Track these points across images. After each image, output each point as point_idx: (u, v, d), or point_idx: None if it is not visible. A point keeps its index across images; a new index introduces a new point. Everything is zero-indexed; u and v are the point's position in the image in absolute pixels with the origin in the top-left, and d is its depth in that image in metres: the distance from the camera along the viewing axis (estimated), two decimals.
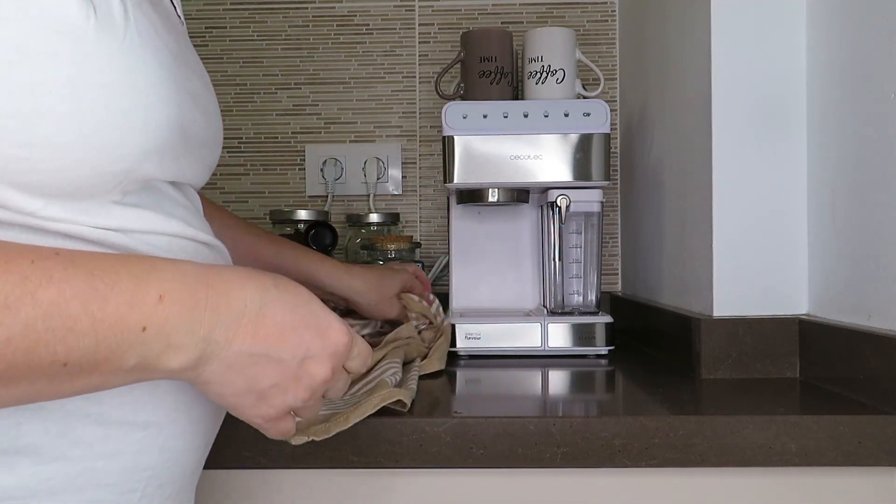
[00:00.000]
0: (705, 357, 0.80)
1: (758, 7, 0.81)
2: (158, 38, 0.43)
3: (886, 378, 0.65)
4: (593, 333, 0.95)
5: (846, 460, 0.62)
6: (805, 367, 0.79)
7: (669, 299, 0.98)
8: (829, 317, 0.77)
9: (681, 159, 0.93)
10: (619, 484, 0.66)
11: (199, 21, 1.31)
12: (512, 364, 0.92)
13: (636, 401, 0.75)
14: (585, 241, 1.01)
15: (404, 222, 1.31)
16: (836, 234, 0.76)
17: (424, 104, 1.31)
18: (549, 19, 1.30)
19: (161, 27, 0.45)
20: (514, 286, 1.08)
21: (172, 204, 0.47)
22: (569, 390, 0.81)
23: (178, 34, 0.50)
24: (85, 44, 0.38)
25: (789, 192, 0.81)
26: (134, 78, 0.40)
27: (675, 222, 0.96)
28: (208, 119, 0.51)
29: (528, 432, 0.63)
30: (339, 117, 1.32)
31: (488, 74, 1.00)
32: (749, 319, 0.80)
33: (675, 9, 0.95)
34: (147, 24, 0.43)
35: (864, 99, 0.71)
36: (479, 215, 1.09)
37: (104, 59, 0.39)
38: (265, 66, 1.31)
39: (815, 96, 0.80)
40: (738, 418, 0.63)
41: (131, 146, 0.41)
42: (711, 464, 0.63)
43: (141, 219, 0.43)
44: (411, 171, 1.32)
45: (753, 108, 0.81)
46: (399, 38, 1.31)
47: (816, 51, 0.79)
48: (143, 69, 0.41)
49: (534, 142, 0.95)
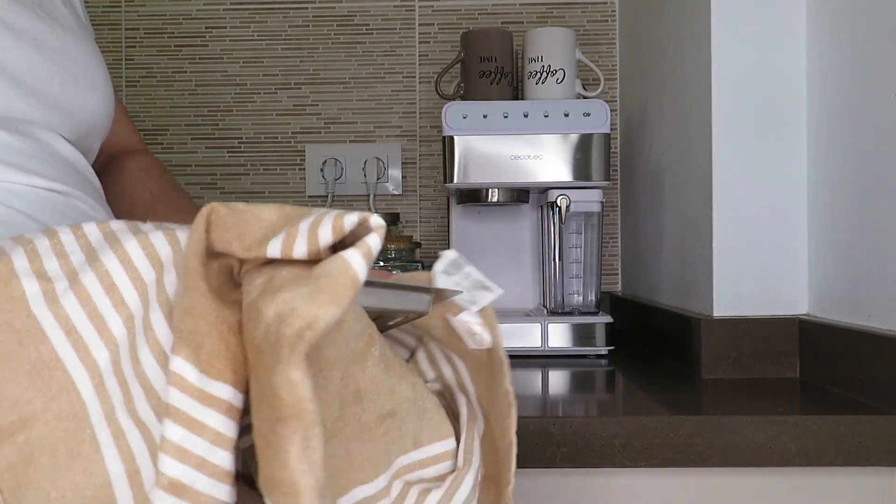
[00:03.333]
0: (705, 357, 0.80)
1: (758, 7, 0.81)
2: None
3: (886, 378, 0.65)
4: (593, 333, 0.95)
5: (846, 460, 0.62)
6: (805, 367, 0.79)
7: (669, 299, 0.98)
8: (829, 317, 0.77)
9: (681, 159, 0.93)
10: (619, 484, 0.66)
11: (199, 21, 1.31)
12: (512, 364, 0.91)
13: (636, 401, 0.75)
14: (585, 241, 1.01)
15: (404, 222, 1.31)
16: (836, 234, 0.76)
17: (424, 104, 1.31)
18: (549, 19, 1.30)
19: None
20: (514, 286, 1.08)
21: (6, 150, 0.48)
22: (569, 390, 0.81)
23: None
24: None
25: (789, 192, 0.81)
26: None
27: (675, 222, 0.96)
28: (47, 56, 0.52)
29: (528, 432, 0.63)
30: (339, 117, 1.32)
31: (488, 74, 1.00)
32: (749, 319, 0.80)
33: (675, 9, 0.95)
34: None
35: (864, 99, 0.71)
36: (479, 215, 1.09)
37: None
38: (265, 66, 1.31)
39: (815, 96, 0.80)
40: (738, 418, 0.63)
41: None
42: (711, 464, 0.63)
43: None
44: (411, 171, 1.32)
45: (753, 107, 0.81)
46: (399, 38, 1.31)
47: (816, 51, 0.79)
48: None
49: (534, 142, 0.95)
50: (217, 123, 1.32)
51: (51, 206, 0.48)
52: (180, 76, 1.32)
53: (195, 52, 1.31)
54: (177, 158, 1.32)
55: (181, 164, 1.32)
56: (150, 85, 1.32)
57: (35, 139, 0.51)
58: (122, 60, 1.32)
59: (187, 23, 1.31)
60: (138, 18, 1.32)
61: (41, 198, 0.48)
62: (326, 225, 0.31)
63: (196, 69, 1.32)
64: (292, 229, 0.31)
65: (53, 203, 0.49)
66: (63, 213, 0.49)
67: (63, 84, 0.54)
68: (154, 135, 1.32)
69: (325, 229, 0.31)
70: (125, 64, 1.32)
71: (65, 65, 0.54)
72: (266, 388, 0.29)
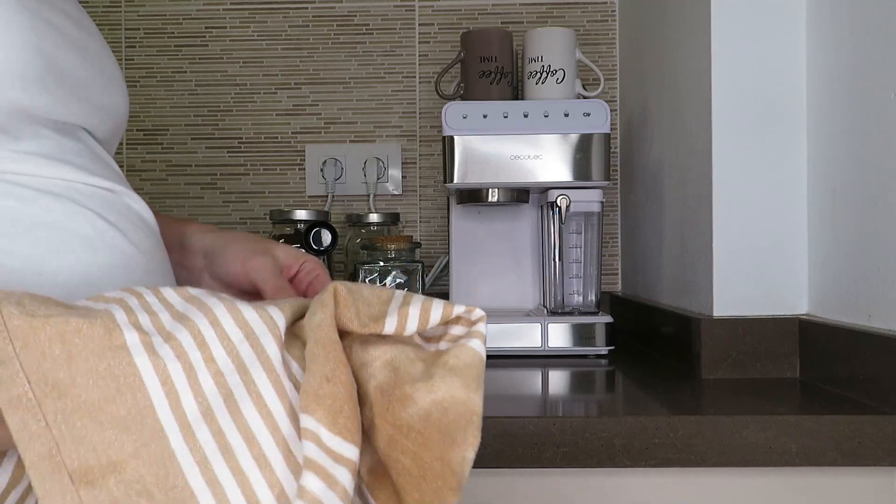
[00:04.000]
0: (705, 357, 0.80)
1: (758, 7, 0.81)
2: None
3: (886, 378, 0.65)
4: (593, 333, 0.95)
5: (846, 460, 0.62)
6: (805, 367, 0.79)
7: (669, 299, 0.98)
8: (829, 317, 0.77)
9: (681, 159, 0.93)
10: (619, 484, 0.66)
11: (199, 21, 1.31)
12: (512, 364, 0.92)
13: (636, 401, 0.75)
14: (585, 241, 1.01)
15: (404, 222, 1.31)
16: (836, 234, 0.76)
17: (424, 104, 1.31)
18: (549, 19, 1.30)
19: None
20: (514, 286, 1.08)
21: (65, 151, 0.49)
22: (569, 390, 0.81)
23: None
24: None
25: (789, 191, 0.81)
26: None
27: (675, 222, 0.96)
28: (87, 58, 0.52)
29: (528, 432, 0.63)
30: (339, 117, 1.32)
31: (488, 74, 1.00)
32: (749, 319, 0.80)
33: (675, 9, 0.95)
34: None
35: (864, 99, 0.71)
36: (479, 215, 1.09)
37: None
38: (265, 66, 1.31)
39: (815, 96, 0.80)
40: (738, 418, 0.63)
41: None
42: (711, 464, 0.63)
43: (27, 162, 0.45)
44: (411, 171, 1.32)
45: (753, 107, 0.81)
46: (399, 38, 1.31)
47: (816, 51, 0.79)
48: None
49: (534, 142, 0.95)
50: (217, 123, 1.32)
51: (110, 204, 0.50)
52: (180, 76, 1.32)
53: (195, 52, 1.31)
54: (177, 158, 1.32)
55: (181, 164, 1.32)
56: (150, 85, 1.32)
57: (82, 141, 0.52)
58: (122, 60, 1.32)
59: (187, 23, 1.31)
60: (138, 18, 1.32)
61: (102, 197, 0.49)
62: (437, 311, 0.37)
63: (196, 69, 1.32)
64: (404, 309, 0.37)
65: (111, 202, 0.50)
66: (120, 212, 0.50)
67: (103, 88, 0.55)
68: (154, 135, 1.32)
69: (435, 314, 0.37)
70: (125, 64, 1.32)
71: (101, 68, 0.55)
72: (435, 464, 0.35)
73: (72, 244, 0.45)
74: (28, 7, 0.46)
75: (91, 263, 0.46)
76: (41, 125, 0.47)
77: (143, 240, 0.51)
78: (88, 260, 0.46)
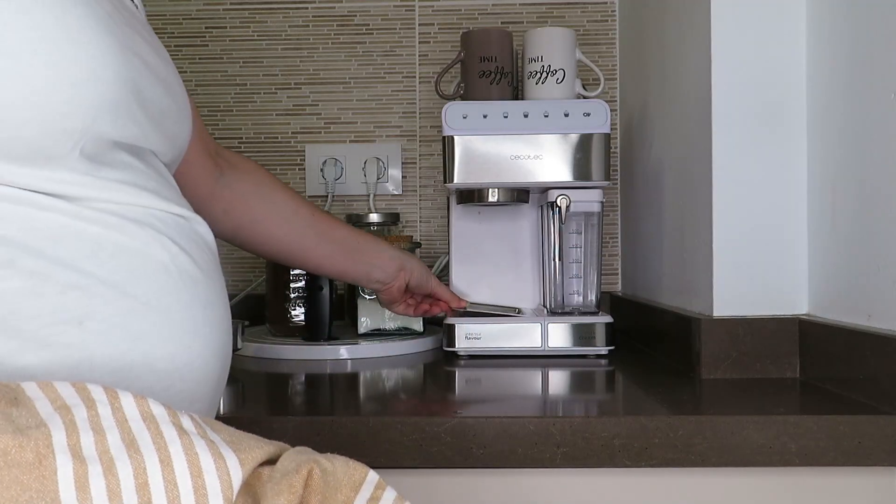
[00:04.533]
0: (705, 357, 0.80)
1: (758, 7, 0.81)
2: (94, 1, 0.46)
3: (886, 378, 0.65)
4: (593, 333, 0.95)
5: (846, 460, 0.62)
6: (805, 367, 0.79)
7: (669, 299, 0.98)
8: (829, 317, 0.77)
9: (681, 159, 0.93)
10: (619, 484, 0.66)
11: (199, 21, 1.31)
12: (512, 364, 0.92)
13: (636, 401, 0.75)
14: (585, 241, 1.01)
15: (404, 222, 1.31)
16: (836, 234, 0.76)
17: (424, 104, 1.31)
18: (549, 19, 1.30)
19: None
20: (514, 286, 1.08)
21: (144, 178, 0.50)
22: (569, 390, 0.81)
23: (123, 9, 0.52)
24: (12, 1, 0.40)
25: (789, 191, 0.81)
26: (71, 33, 0.42)
27: (675, 222, 0.96)
28: (166, 88, 0.53)
29: (528, 432, 0.63)
30: (339, 117, 1.32)
31: (488, 74, 1.00)
32: (749, 319, 0.80)
33: (675, 9, 0.95)
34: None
35: (864, 99, 0.71)
36: (479, 215, 1.09)
37: (37, 15, 0.41)
38: (265, 66, 1.31)
39: (815, 96, 0.80)
40: (738, 418, 0.63)
41: (79, 101, 0.43)
42: (711, 464, 0.63)
43: (111, 189, 0.46)
44: (411, 171, 1.32)
45: (753, 107, 0.81)
46: (399, 38, 1.31)
47: (816, 51, 0.79)
48: (77, 25, 0.43)
49: (534, 142, 0.95)
50: (217, 123, 1.32)
51: (182, 231, 0.51)
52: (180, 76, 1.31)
53: (195, 52, 1.31)
54: None
55: None
56: None
57: (152, 165, 0.53)
58: None
59: (187, 23, 1.31)
60: None
61: (176, 223, 0.51)
62: None
63: (196, 69, 1.32)
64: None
65: (183, 228, 0.52)
66: (190, 237, 0.52)
67: (177, 116, 0.56)
68: None
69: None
70: None
71: (176, 97, 0.56)
72: None
73: (150, 268, 0.47)
74: (116, 35, 0.46)
75: (165, 285, 0.47)
76: (122, 151, 0.49)
77: (207, 262, 0.53)
78: (164, 282, 0.47)
